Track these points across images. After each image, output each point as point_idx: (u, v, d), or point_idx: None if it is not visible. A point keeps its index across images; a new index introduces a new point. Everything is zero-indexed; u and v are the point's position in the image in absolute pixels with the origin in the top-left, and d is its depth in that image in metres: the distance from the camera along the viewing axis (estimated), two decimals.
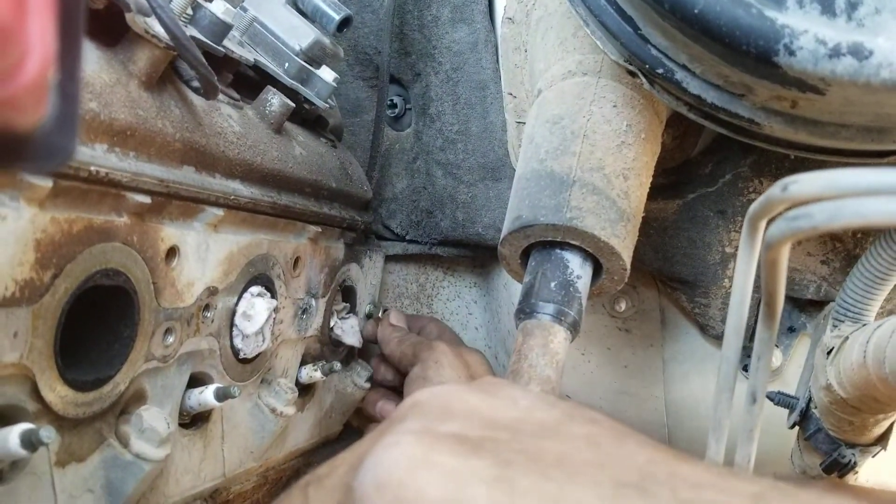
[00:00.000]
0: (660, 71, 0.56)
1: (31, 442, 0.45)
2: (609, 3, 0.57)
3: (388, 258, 1.00)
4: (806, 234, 0.33)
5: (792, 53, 0.46)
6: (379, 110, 0.94)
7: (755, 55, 0.47)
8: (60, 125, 0.22)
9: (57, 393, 0.49)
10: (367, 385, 0.94)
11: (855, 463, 0.67)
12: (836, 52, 0.46)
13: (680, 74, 0.56)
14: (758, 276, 0.42)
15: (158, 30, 0.51)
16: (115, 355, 0.54)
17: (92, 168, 0.47)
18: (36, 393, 0.48)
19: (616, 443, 0.36)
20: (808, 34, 0.46)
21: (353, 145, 0.97)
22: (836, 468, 0.68)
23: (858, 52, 0.45)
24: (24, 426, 0.45)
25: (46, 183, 0.44)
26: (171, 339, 0.58)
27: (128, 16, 0.51)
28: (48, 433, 0.45)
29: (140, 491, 0.57)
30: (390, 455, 0.36)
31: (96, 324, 0.54)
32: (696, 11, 0.48)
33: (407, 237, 0.99)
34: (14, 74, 0.19)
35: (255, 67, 0.70)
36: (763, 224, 0.40)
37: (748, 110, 0.55)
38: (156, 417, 0.56)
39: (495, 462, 0.34)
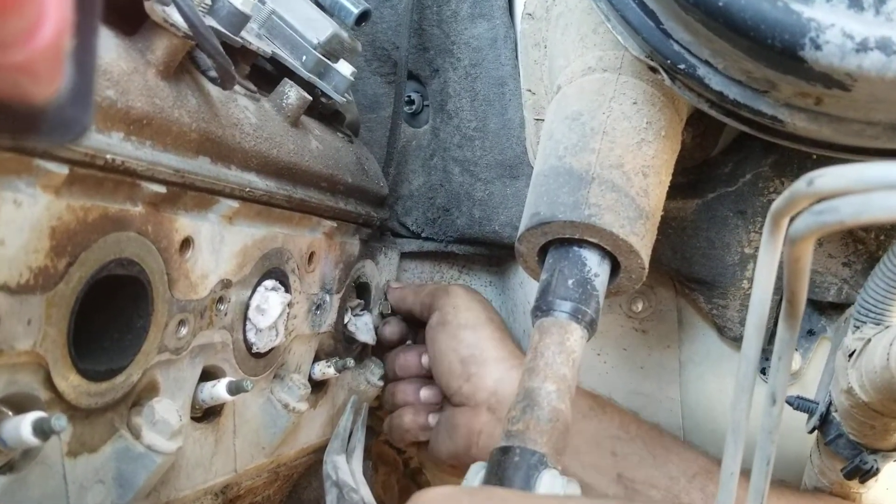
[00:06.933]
0: (682, 66, 0.55)
1: (43, 430, 0.44)
2: None
3: (404, 255, 0.99)
4: (832, 229, 0.32)
5: (818, 48, 0.46)
6: (396, 106, 0.93)
7: (780, 49, 0.47)
8: (75, 97, 0.21)
9: (70, 382, 0.48)
10: (381, 383, 0.93)
11: (877, 469, 0.66)
12: (863, 47, 0.45)
13: (702, 70, 0.55)
14: (778, 276, 0.42)
15: (177, 19, 0.51)
16: (128, 346, 0.54)
17: (108, 156, 0.47)
18: (49, 382, 0.47)
19: None
20: (834, 28, 0.45)
21: (370, 142, 0.97)
22: (858, 474, 0.67)
23: (886, 47, 0.45)
24: (37, 414, 0.45)
25: (62, 170, 0.44)
26: (184, 331, 0.58)
27: (146, 4, 0.50)
28: (60, 422, 0.44)
29: (151, 483, 0.56)
30: None
31: (110, 314, 0.54)
32: (720, 4, 0.47)
33: (423, 234, 0.99)
34: (29, 38, 0.19)
35: (273, 60, 0.69)
36: (786, 221, 0.39)
37: (771, 107, 0.54)
38: (168, 410, 0.56)
39: None
